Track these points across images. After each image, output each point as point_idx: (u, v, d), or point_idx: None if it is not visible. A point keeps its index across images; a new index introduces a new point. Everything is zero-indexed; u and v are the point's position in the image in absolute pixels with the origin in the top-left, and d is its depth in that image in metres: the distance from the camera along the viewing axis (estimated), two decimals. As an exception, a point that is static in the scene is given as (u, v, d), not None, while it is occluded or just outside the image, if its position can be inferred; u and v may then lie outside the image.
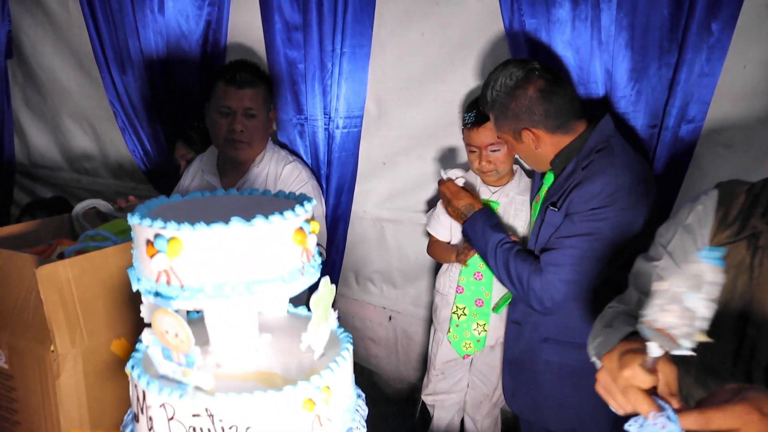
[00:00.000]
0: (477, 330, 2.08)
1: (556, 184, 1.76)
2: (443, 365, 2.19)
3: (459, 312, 2.09)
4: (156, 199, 1.02)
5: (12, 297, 1.40)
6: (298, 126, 2.31)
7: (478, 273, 2.05)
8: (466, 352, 2.12)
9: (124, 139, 2.74)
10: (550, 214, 1.73)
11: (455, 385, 2.22)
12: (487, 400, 2.19)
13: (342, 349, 1.02)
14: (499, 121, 1.77)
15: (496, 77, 1.74)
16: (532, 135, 1.73)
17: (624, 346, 0.92)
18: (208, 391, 0.87)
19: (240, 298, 0.85)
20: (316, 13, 2.15)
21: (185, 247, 0.83)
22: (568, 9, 1.87)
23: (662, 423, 0.83)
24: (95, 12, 2.55)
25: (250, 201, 1.04)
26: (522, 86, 1.70)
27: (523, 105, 1.70)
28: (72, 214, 1.81)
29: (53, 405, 1.34)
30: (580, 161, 1.69)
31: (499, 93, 1.73)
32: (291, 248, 0.90)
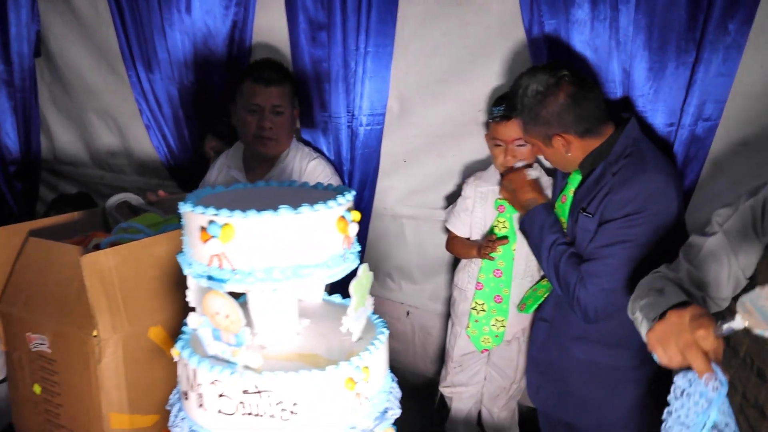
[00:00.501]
0: (495, 326, 2.12)
1: (585, 187, 1.78)
2: (461, 358, 2.24)
3: (478, 308, 2.13)
4: (201, 189, 1.08)
5: (55, 285, 1.46)
6: (321, 123, 2.37)
7: (497, 270, 2.09)
8: (485, 347, 2.16)
9: (149, 135, 2.81)
10: (583, 220, 1.75)
11: (472, 378, 2.26)
12: (504, 393, 2.24)
13: (378, 333, 1.07)
14: (529, 126, 1.80)
15: (525, 83, 1.76)
16: (563, 140, 1.76)
17: (698, 310, 0.99)
18: (256, 369, 0.92)
19: (288, 281, 0.90)
20: (340, 13, 2.20)
21: (237, 233, 0.88)
22: (587, 10, 1.91)
23: (714, 385, 0.90)
24: (122, 11, 2.61)
25: (290, 192, 1.10)
26: (552, 93, 1.72)
27: (554, 111, 1.73)
28: (105, 207, 1.87)
29: (95, 388, 1.40)
30: (610, 166, 1.72)
31: (529, 99, 1.75)
32: (334, 235, 0.96)
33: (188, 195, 1.01)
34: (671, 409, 0.97)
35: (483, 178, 2.13)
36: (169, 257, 1.48)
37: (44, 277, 1.49)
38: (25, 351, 1.51)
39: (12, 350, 1.56)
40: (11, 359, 1.57)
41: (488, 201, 2.09)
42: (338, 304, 1.23)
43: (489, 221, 2.09)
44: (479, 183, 2.12)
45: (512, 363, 2.18)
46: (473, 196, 2.12)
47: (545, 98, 1.73)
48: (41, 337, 1.48)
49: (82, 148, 3.20)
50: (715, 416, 0.90)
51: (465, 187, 2.16)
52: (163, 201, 1.92)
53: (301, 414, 0.93)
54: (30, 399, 1.55)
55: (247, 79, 2.16)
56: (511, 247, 2.05)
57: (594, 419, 1.87)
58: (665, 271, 1.36)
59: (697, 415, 0.92)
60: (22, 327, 1.51)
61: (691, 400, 0.94)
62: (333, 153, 2.37)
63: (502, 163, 2.01)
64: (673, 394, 0.98)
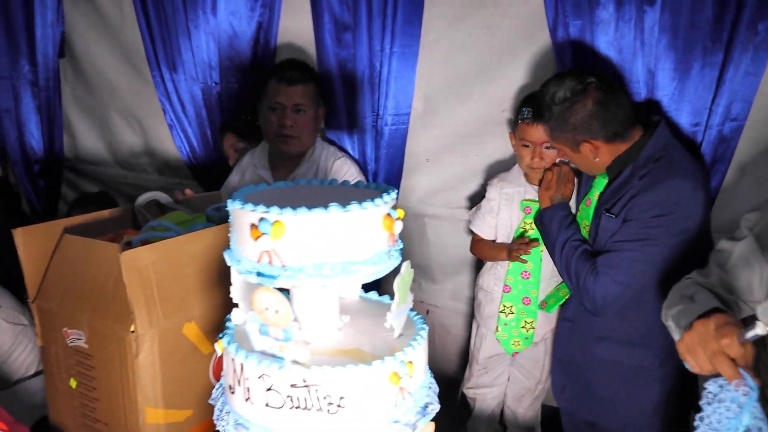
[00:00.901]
0: (525, 327, 2.12)
1: (611, 190, 1.79)
2: (486, 360, 2.24)
3: (506, 311, 2.13)
4: (245, 187, 1.10)
5: (92, 281, 1.48)
6: (346, 123, 2.39)
7: (525, 272, 2.09)
8: (515, 350, 2.16)
9: (172, 135, 2.83)
10: (606, 220, 1.76)
11: (496, 379, 2.27)
12: (529, 393, 2.24)
13: (419, 329, 1.09)
14: (556, 133, 1.81)
15: (552, 90, 1.76)
16: (591, 146, 1.76)
17: (722, 319, 1.01)
18: (304, 363, 0.94)
19: (337, 278, 0.92)
20: (365, 14, 2.22)
21: (287, 230, 0.90)
22: (612, 10, 1.92)
23: (744, 390, 0.92)
24: (147, 11, 2.65)
25: (332, 190, 1.12)
26: (580, 99, 1.72)
27: (582, 118, 1.73)
28: (135, 206, 1.90)
29: (131, 383, 1.42)
30: (638, 169, 1.72)
31: (556, 107, 1.75)
32: (380, 233, 0.97)
33: (234, 193, 1.03)
34: (703, 414, 0.99)
35: (507, 179, 2.13)
36: (203, 254, 1.50)
37: (80, 273, 1.51)
38: (62, 346, 1.54)
39: (48, 345, 1.59)
40: (48, 354, 1.60)
41: (514, 203, 2.10)
42: (375, 301, 1.25)
43: (515, 223, 2.10)
44: (504, 185, 2.12)
45: (538, 363, 2.18)
46: (498, 197, 2.12)
47: (573, 105, 1.73)
48: (78, 332, 1.50)
49: (103, 147, 3.24)
50: (747, 420, 0.92)
51: (489, 188, 2.16)
52: (189, 199, 1.94)
53: (347, 408, 0.94)
54: (66, 393, 1.57)
55: (272, 79, 2.20)
56: (539, 248, 2.05)
57: (618, 419, 1.88)
58: (696, 276, 1.36)
59: (729, 420, 0.94)
60: (59, 322, 1.53)
61: (723, 406, 0.96)
62: (358, 152, 2.39)
63: (529, 164, 2.02)
64: (705, 399, 1.00)
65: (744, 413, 0.92)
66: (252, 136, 2.50)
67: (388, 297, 1.26)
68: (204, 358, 1.53)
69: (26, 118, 3.16)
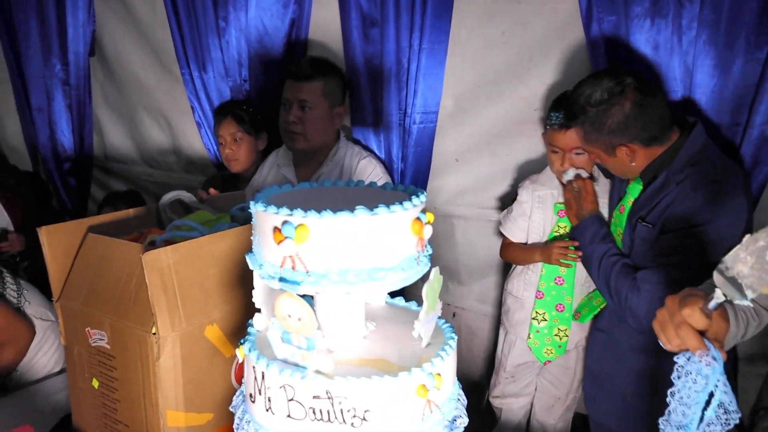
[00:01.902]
0: (558, 335, 2.04)
1: (645, 196, 1.71)
2: (514, 369, 2.17)
3: (539, 317, 2.05)
4: (269, 188, 1.06)
5: (114, 281, 1.47)
6: (373, 121, 2.34)
7: (559, 278, 2.02)
8: (548, 358, 2.09)
9: (200, 133, 2.82)
10: (642, 230, 1.69)
11: (524, 389, 2.20)
12: (560, 403, 2.16)
13: (448, 338, 1.04)
14: (591, 135, 1.72)
15: (588, 91, 1.67)
16: (627, 150, 1.68)
17: (688, 290, 1.00)
18: (327, 374, 0.90)
19: (363, 284, 0.88)
20: (393, 9, 2.17)
21: (312, 234, 0.86)
22: (648, 5, 1.85)
23: (707, 360, 0.90)
24: (178, 10, 2.64)
25: (358, 192, 1.08)
26: (617, 102, 1.63)
27: (619, 121, 1.64)
28: (159, 205, 1.89)
29: (152, 385, 1.40)
30: (673, 175, 1.64)
31: (591, 109, 1.66)
32: (408, 237, 0.93)
33: (256, 194, 1.00)
34: (674, 389, 0.97)
35: (539, 181, 2.06)
36: (225, 256, 1.48)
37: (103, 273, 1.50)
38: (85, 346, 1.53)
39: (72, 345, 1.58)
40: (71, 353, 1.59)
41: (547, 205, 2.02)
42: (401, 307, 1.20)
43: (548, 226, 2.02)
44: (536, 186, 2.05)
45: (569, 371, 2.11)
46: (530, 200, 2.04)
47: (610, 108, 1.64)
48: (100, 332, 1.49)
49: (131, 145, 3.26)
50: (719, 396, 0.90)
51: (521, 191, 2.08)
52: (213, 199, 1.93)
53: (372, 421, 0.90)
54: (89, 393, 1.56)
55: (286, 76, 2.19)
56: None
57: None
58: None
59: (697, 393, 0.92)
60: (82, 322, 1.52)
61: (690, 379, 0.94)
62: (384, 151, 2.34)
63: (558, 169, 1.96)
64: (675, 373, 0.97)
65: (710, 385, 0.90)
66: (252, 125, 2.46)
67: (415, 303, 1.21)
68: (225, 361, 1.50)
69: (57, 117, 3.20)
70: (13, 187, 2.84)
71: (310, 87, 2.14)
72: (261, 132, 2.49)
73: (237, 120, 2.46)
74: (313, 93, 2.14)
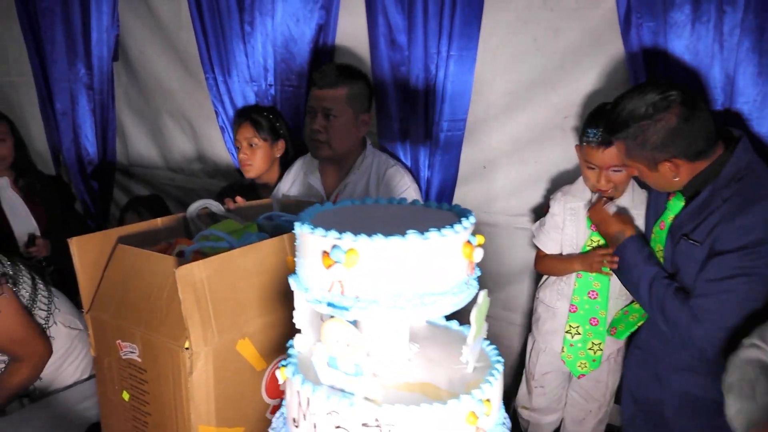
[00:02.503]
0: (593, 349, 2.00)
1: (688, 213, 1.66)
2: (542, 377, 2.14)
3: (573, 331, 2.02)
4: (311, 207, 1.03)
5: (145, 294, 1.45)
6: (400, 129, 2.32)
7: (592, 291, 1.98)
8: (582, 372, 2.04)
9: (223, 138, 2.82)
10: (688, 248, 1.62)
11: (555, 404, 2.16)
12: (591, 416, 2.12)
13: (494, 362, 1.01)
14: (633, 151, 1.65)
15: (631, 106, 1.61)
16: (672, 165, 1.62)
17: None
18: (375, 401, 0.88)
19: (414, 310, 0.85)
20: (421, 16, 2.14)
21: (362, 258, 0.84)
22: (689, 11, 1.80)
23: None
24: (203, 14, 2.63)
25: (403, 211, 1.05)
26: (663, 117, 1.56)
27: (664, 136, 1.57)
28: (186, 215, 1.88)
29: (185, 400, 1.38)
30: (719, 191, 1.58)
31: (634, 123, 1.60)
32: (459, 261, 0.90)
33: (301, 215, 0.97)
34: None
35: (571, 192, 2.02)
36: (257, 269, 1.46)
37: (134, 285, 1.49)
38: (116, 358, 1.52)
39: (102, 356, 1.57)
40: (101, 365, 1.58)
41: (580, 217, 1.98)
42: (443, 327, 1.17)
43: (581, 239, 1.99)
44: (568, 198, 2.01)
45: (601, 385, 2.06)
46: (562, 212, 2.00)
47: (654, 123, 1.57)
48: (132, 345, 1.48)
49: (154, 149, 3.26)
50: None
51: (553, 203, 2.04)
52: (240, 208, 1.92)
53: (420, 449, 0.87)
54: (119, 405, 1.55)
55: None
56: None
57: None
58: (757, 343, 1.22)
59: None
60: (112, 334, 1.51)
61: None
62: (410, 159, 2.31)
63: (594, 185, 1.91)
64: None
65: None
66: (271, 132, 2.44)
67: (456, 322, 1.19)
68: (256, 374, 1.48)
69: (81, 121, 3.21)
70: (39, 192, 2.84)
71: (335, 94, 2.11)
72: (278, 139, 2.46)
73: (254, 125, 2.43)
74: (337, 101, 2.11)
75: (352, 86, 2.13)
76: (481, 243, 0.93)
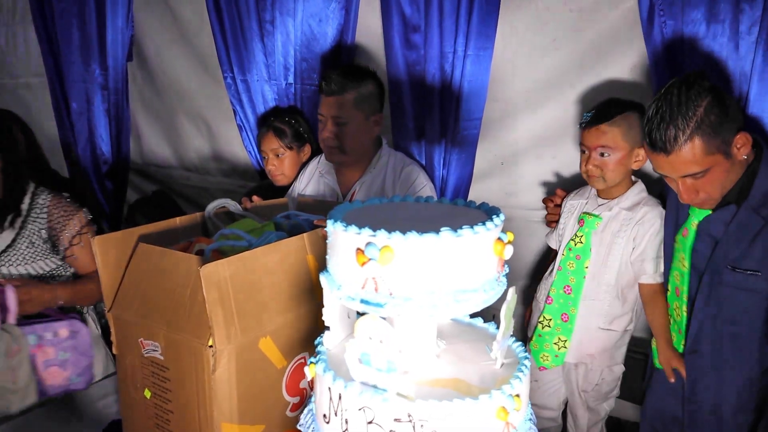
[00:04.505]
0: (558, 344, 2.01)
1: (732, 237, 1.58)
2: (535, 371, 2.14)
3: (545, 322, 2.03)
4: (341, 205, 1.04)
5: (167, 292, 1.46)
6: (415, 127, 2.33)
7: (567, 287, 1.99)
8: (543, 364, 2.06)
9: (241, 137, 2.82)
10: (743, 280, 1.56)
11: (552, 398, 2.17)
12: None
13: (522, 358, 1.02)
14: (708, 141, 1.50)
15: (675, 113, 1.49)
16: (742, 138, 1.51)
17: None
18: (408, 396, 0.88)
19: (447, 307, 0.86)
20: (437, 14, 2.15)
21: (396, 256, 0.84)
22: (704, 10, 1.80)
23: None
24: (221, 14, 2.64)
25: (431, 208, 1.06)
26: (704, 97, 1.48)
27: (720, 111, 1.48)
28: (204, 214, 1.89)
29: (208, 398, 1.39)
30: (756, 209, 1.53)
31: (693, 116, 1.48)
32: (491, 258, 0.91)
33: (330, 213, 0.98)
34: None
35: (580, 192, 2.06)
36: (278, 267, 1.47)
37: (156, 283, 1.50)
38: (138, 356, 1.53)
39: (123, 354, 1.58)
40: (122, 363, 1.59)
41: (573, 215, 2.02)
42: (467, 324, 1.18)
43: (569, 234, 2.02)
44: (573, 196, 2.06)
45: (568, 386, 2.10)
46: (566, 210, 2.06)
47: (702, 105, 1.48)
48: (154, 343, 1.48)
49: (169, 149, 3.28)
50: None
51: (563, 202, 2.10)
52: (257, 207, 1.93)
53: (452, 444, 0.88)
54: (141, 403, 1.56)
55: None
56: (583, 264, 1.95)
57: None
58: None
59: None
60: (134, 332, 1.52)
61: None
62: (425, 157, 2.32)
63: (584, 171, 1.93)
64: None
65: None
66: (296, 140, 2.44)
67: (480, 319, 1.20)
68: (277, 372, 1.49)
69: (97, 120, 3.23)
70: None
71: (342, 101, 2.11)
72: (304, 144, 2.47)
73: (278, 135, 2.45)
74: (345, 108, 2.11)
75: (359, 89, 2.12)
76: (511, 240, 0.93)
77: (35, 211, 2.08)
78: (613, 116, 1.83)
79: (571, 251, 1.98)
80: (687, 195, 1.58)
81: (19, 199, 2.06)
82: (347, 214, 0.99)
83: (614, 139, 1.83)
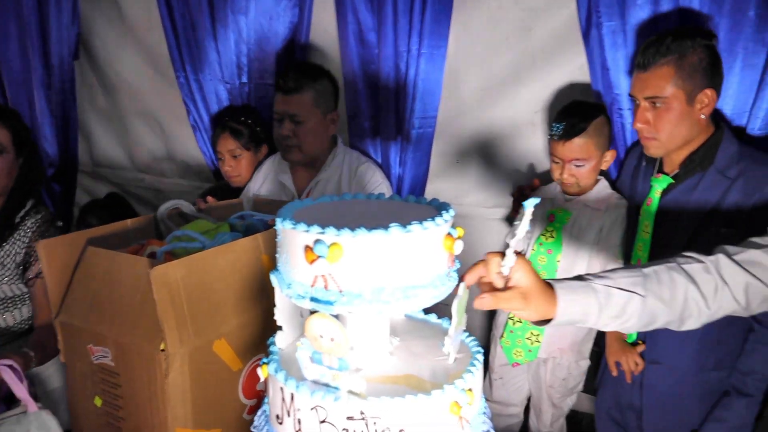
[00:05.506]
0: (530, 339, 2.04)
1: (700, 199, 1.65)
2: (500, 368, 2.17)
3: (515, 318, 2.05)
4: (291, 203, 1.03)
5: (117, 296, 1.43)
6: (370, 126, 2.32)
7: None
8: (516, 360, 2.08)
9: (195, 137, 2.76)
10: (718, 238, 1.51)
11: (515, 396, 2.19)
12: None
13: (474, 353, 1.03)
14: (683, 72, 1.61)
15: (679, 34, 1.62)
16: (709, 95, 1.62)
17: None
18: (360, 394, 0.88)
19: (397, 303, 0.86)
20: (391, 13, 2.15)
21: (345, 253, 0.84)
22: (648, 11, 1.86)
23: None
24: (173, 13, 2.59)
25: (382, 206, 1.06)
26: (699, 45, 1.61)
27: (710, 62, 1.62)
28: (157, 215, 1.85)
29: (161, 402, 1.36)
30: (722, 171, 1.62)
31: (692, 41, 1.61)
32: (441, 254, 0.91)
33: (280, 210, 0.97)
34: None
35: (544, 191, 2.09)
36: (232, 268, 1.45)
37: (106, 287, 1.46)
38: (87, 363, 1.48)
39: (72, 362, 1.53)
40: (71, 371, 1.55)
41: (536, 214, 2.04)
42: (421, 320, 1.19)
43: (537, 232, 2.04)
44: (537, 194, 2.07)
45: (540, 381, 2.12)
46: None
47: (704, 47, 1.61)
48: (104, 349, 1.45)
49: (121, 150, 3.19)
50: None
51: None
52: (211, 208, 1.90)
53: (406, 440, 0.88)
54: (91, 411, 1.52)
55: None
56: (555, 258, 1.99)
57: None
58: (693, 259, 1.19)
59: None
60: (83, 339, 1.48)
61: None
62: (381, 156, 2.32)
63: (558, 178, 1.98)
64: None
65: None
66: (252, 140, 2.42)
67: (434, 315, 1.20)
68: (233, 375, 1.47)
69: (40, 121, 3.10)
70: None
71: (300, 99, 2.09)
72: (260, 144, 2.44)
73: (234, 136, 2.41)
74: (302, 106, 2.10)
75: (317, 87, 2.12)
76: (461, 235, 0.94)
77: (19, 232, 1.99)
78: (584, 129, 1.87)
79: (542, 246, 2.00)
80: (641, 119, 1.68)
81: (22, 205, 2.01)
82: (297, 212, 0.98)
83: (588, 151, 1.89)
